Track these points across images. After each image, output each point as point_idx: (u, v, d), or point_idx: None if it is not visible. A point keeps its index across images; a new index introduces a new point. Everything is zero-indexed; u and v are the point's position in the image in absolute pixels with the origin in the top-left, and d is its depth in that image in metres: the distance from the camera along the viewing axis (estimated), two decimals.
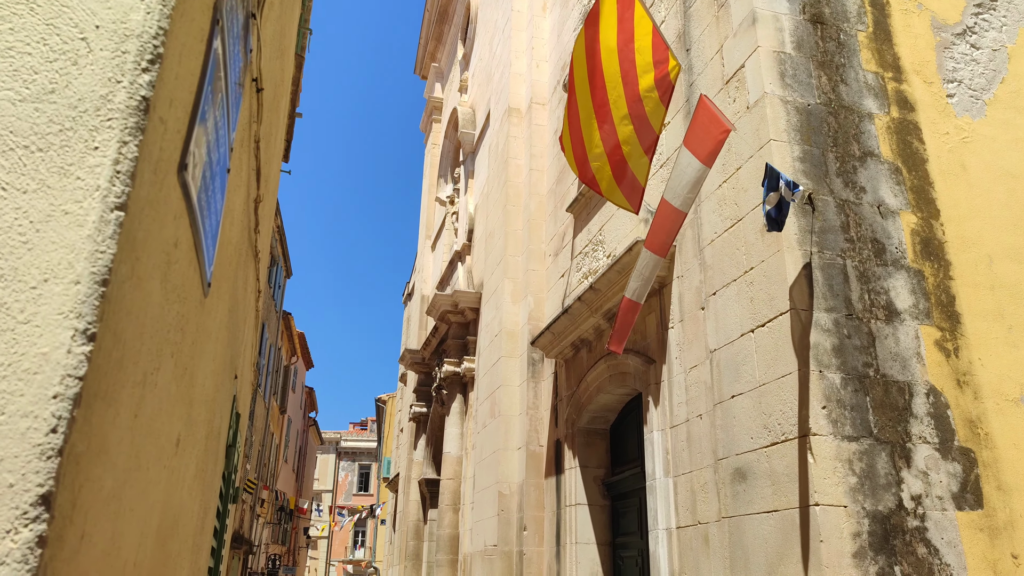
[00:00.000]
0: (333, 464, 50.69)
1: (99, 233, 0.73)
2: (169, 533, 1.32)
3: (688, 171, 4.69)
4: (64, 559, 0.68)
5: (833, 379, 4.79)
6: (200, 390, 1.49)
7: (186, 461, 1.43)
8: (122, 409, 0.83)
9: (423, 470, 15.52)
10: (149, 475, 1.05)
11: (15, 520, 0.62)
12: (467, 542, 11.78)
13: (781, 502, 4.74)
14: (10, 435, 0.64)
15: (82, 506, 0.71)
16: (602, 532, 8.22)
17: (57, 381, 0.67)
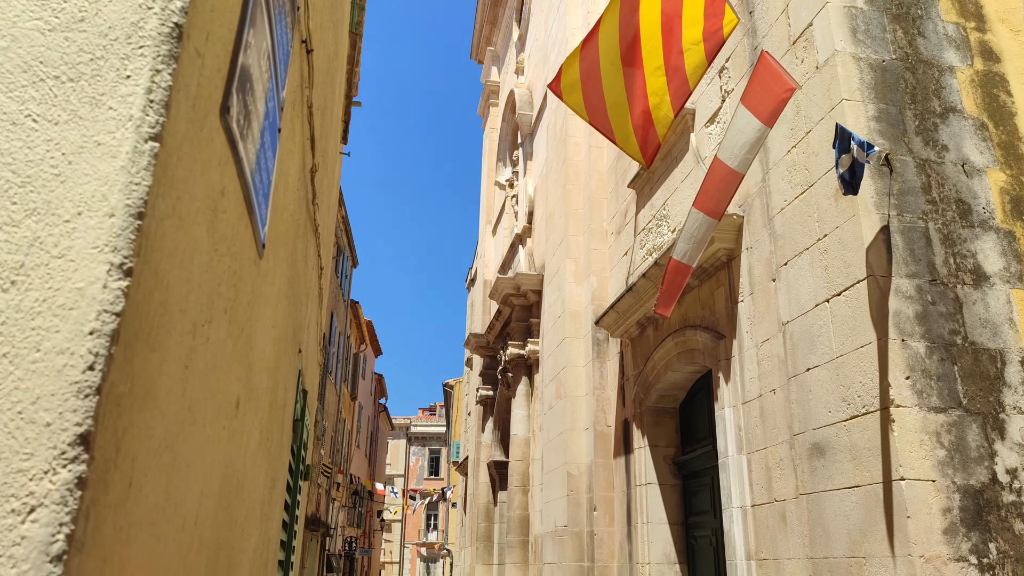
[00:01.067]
0: (404, 449, 51.64)
1: (133, 164, 0.69)
2: (233, 497, 1.31)
3: (747, 131, 4.49)
4: (110, 505, 0.65)
5: (917, 348, 4.54)
6: (260, 355, 1.47)
7: (248, 426, 1.41)
8: (169, 356, 0.80)
9: (491, 452, 15.61)
10: (206, 432, 1.02)
11: (53, 460, 0.59)
12: (537, 523, 11.80)
13: (863, 477, 4.53)
14: (46, 372, 0.61)
15: (128, 451, 0.68)
16: (674, 511, 8.09)
17: (93, 317, 0.63)
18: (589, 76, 5.80)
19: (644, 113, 5.61)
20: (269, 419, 1.71)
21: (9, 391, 0.59)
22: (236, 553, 1.37)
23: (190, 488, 0.95)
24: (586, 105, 5.92)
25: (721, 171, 4.77)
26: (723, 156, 4.74)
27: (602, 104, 5.82)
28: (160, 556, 0.84)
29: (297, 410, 2.47)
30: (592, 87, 5.85)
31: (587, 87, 5.87)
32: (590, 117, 5.99)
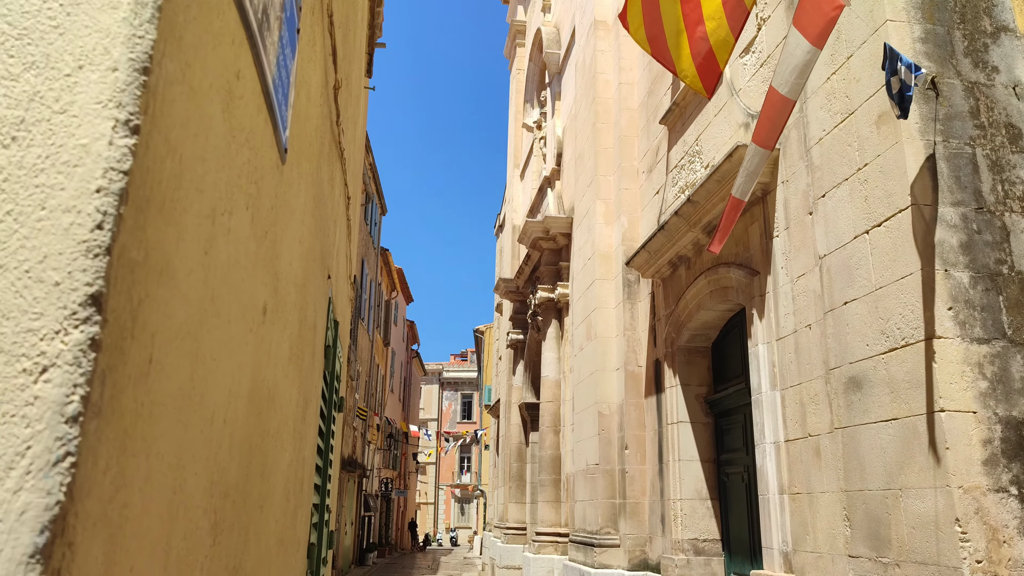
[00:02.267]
0: (437, 394, 52.49)
1: (135, 16, 0.64)
2: (264, 406, 1.30)
3: (797, 54, 4.30)
4: (129, 376, 0.62)
5: (960, 278, 4.40)
6: (286, 267, 1.45)
7: (277, 338, 1.39)
8: (187, 236, 0.76)
9: (522, 395, 15.77)
10: (232, 331, 1.00)
11: (64, 320, 0.56)
12: (569, 462, 11.95)
13: (901, 410, 4.46)
14: (52, 231, 0.58)
15: (146, 325, 0.65)
16: (706, 449, 8.11)
17: (99, 174, 0.60)
18: (648, 5, 5.60)
19: (702, 39, 5.40)
20: (299, 337, 1.70)
21: (15, 250, 0.56)
22: (270, 464, 1.37)
23: (217, 383, 0.93)
24: (648, 36, 5.73)
25: (774, 99, 4.60)
26: (776, 83, 4.56)
27: (661, 34, 5.62)
28: (188, 446, 0.82)
29: (328, 337, 2.47)
30: (652, 17, 5.66)
31: (648, 18, 5.68)
32: (652, 49, 5.81)
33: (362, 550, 27.00)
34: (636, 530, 8.96)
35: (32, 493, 0.52)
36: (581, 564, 9.65)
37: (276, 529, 1.48)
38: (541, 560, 11.96)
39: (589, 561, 9.39)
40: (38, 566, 0.51)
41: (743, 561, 7.33)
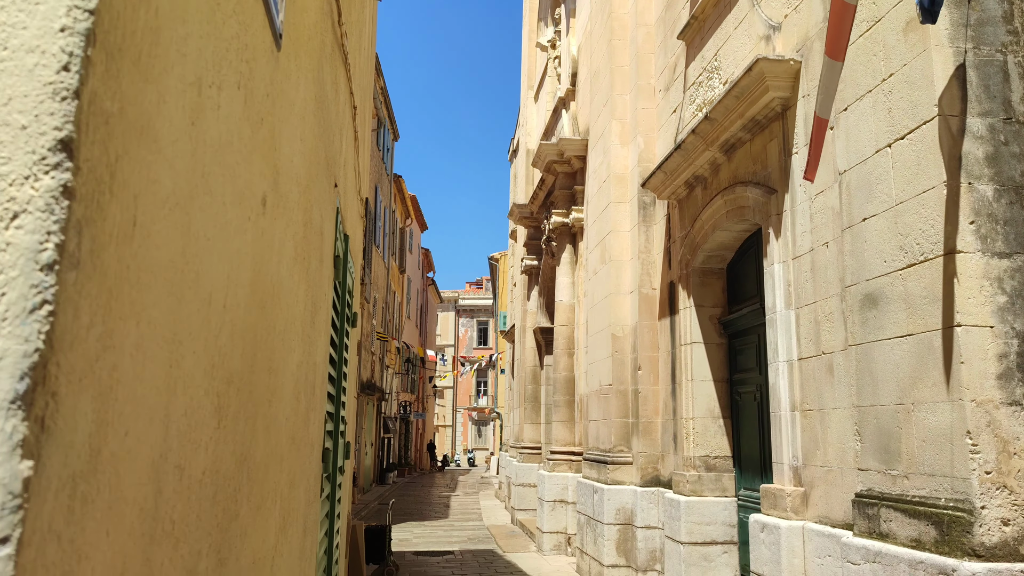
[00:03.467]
0: (453, 321, 53.04)
1: None
2: (269, 301, 1.28)
3: None
4: (109, 234, 0.60)
5: (984, 191, 4.29)
6: (287, 163, 1.41)
7: (280, 235, 1.37)
8: (169, 98, 0.73)
9: (537, 319, 15.88)
10: (228, 214, 0.97)
11: (32, 166, 0.54)
12: (582, 384, 12.12)
13: (917, 326, 4.43)
14: (16, 72, 0.55)
15: (126, 183, 0.62)
16: (719, 369, 8.16)
17: (63, 12, 0.56)
18: None
19: None
20: (305, 240, 1.68)
21: None
22: (277, 361, 1.37)
23: (213, 265, 0.91)
24: None
25: (837, 7, 4.40)
26: None
27: None
28: (184, 322, 0.81)
29: (338, 248, 2.45)
30: None
31: None
32: None
33: (382, 470, 27.88)
34: (648, 448, 9.13)
35: (9, 340, 0.50)
36: (594, 480, 9.89)
37: (287, 427, 1.50)
38: (555, 477, 12.28)
39: (602, 478, 9.62)
40: (20, 412, 0.50)
41: (753, 477, 7.47)
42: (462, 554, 12.06)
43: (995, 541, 3.85)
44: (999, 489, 3.93)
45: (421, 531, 15.17)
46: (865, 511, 4.71)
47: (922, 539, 4.18)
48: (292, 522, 1.61)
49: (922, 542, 4.17)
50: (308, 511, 1.92)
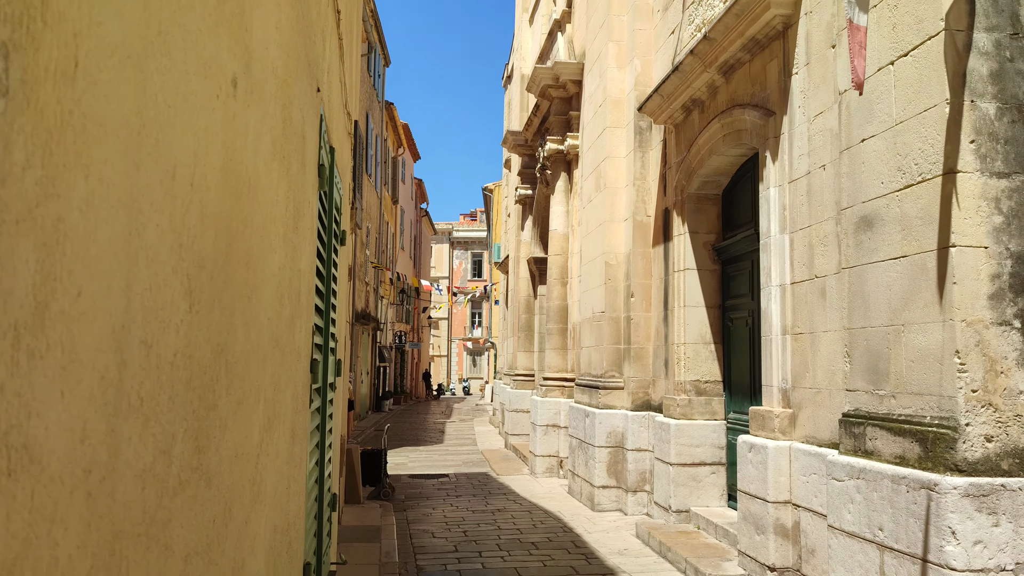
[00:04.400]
0: (447, 253, 52.96)
1: None
2: (245, 193, 1.24)
3: None
4: (45, 69, 0.55)
5: (987, 109, 4.20)
6: (260, 49, 1.33)
7: (255, 125, 1.31)
8: None
9: (531, 249, 15.83)
10: (191, 84, 0.92)
11: None
12: (575, 312, 12.18)
13: (911, 247, 4.41)
14: None
15: (61, 14, 0.57)
16: (711, 295, 8.18)
17: None
18: None
19: None
20: (284, 138, 1.61)
21: None
22: (256, 257, 1.33)
23: (176, 136, 0.86)
24: None
25: None
26: None
27: None
28: (144, 190, 0.76)
29: (323, 156, 2.38)
30: None
31: None
32: None
33: (378, 398, 28.30)
34: (640, 373, 9.24)
35: None
36: (586, 405, 10.05)
37: (269, 328, 1.47)
38: (548, 403, 12.48)
39: (594, 402, 9.77)
40: None
41: (743, 400, 7.59)
42: (457, 477, 12.35)
43: (977, 456, 3.93)
44: (984, 407, 3.99)
45: (417, 456, 15.50)
46: (851, 430, 4.79)
47: (906, 456, 4.26)
48: (278, 425, 1.60)
49: (906, 459, 4.26)
50: (296, 419, 1.91)
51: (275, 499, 1.59)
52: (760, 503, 5.81)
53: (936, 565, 3.87)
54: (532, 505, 9.77)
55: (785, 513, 5.65)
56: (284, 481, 1.72)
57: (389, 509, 9.16)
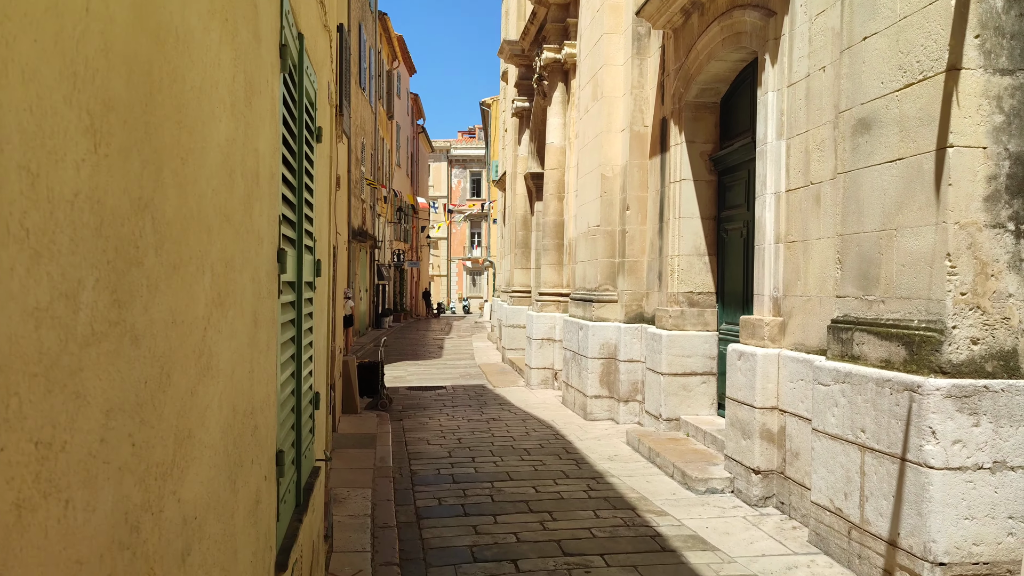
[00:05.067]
0: (445, 171, 52.35)
1: None
2: (171, 42, 1.15)
3: None
4: None
5: (994, 2, 4.00)
6: None
7: None
8: None
9: (528, 165, 15.59)
10: None
11: None
12: (571, 228, 12.09)
13: (908, 149, 4.29)
14: None
15: None
16: (707, 207, 8.08)
17: None
18: None
19: None
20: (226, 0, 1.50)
21: None
22: (190, 119, 1.24)
23: None
24: None
25: None
26: None
27: None
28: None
29: (285, 36, 2.26)
30: None
31: None
32: None
33: (378, 315, 28.53)
34: (633, 286, 9.24)
35: None
36: (580, 319, 10.10)
37: (216, 200, 1.41)
38: (543, 317, 12.55)
39: (588, 315, 9.81)
40: None
41: (735, 311, 7.60)
42: (454, 389, 12.56)
43: (962, 359, 3.94)
44: (972, 310, 3.97)
45: (415, 369, 15.72)
46: (839, 336, 4.79)
47: (892, 359, 4.27)
48: (233, 305, 1.55)
49: (891, 362, 4.27)
50: (260, 305, 1.87)
51: (234, 380, 1.56)
52: (747, 409, 5.89)
53: (915, 464, 3.94)
54: (526, 414, 9.95)
55: (771, 419, 5.74)
56: (246, 365, 1.69)
57: (386, 418, 9.33)
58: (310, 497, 2.76)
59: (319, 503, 3.66)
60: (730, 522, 5.39)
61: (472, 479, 6.59)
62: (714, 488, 6.11)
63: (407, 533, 5.16)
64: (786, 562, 4.61)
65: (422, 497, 6.04)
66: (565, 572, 4.43)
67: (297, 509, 2.59)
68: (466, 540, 5.01)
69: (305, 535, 2.80)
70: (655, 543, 4.95)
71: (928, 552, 3.83)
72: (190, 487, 1.22)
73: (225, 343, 1.47)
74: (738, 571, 4.46)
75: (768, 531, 5.19)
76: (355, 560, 4.34)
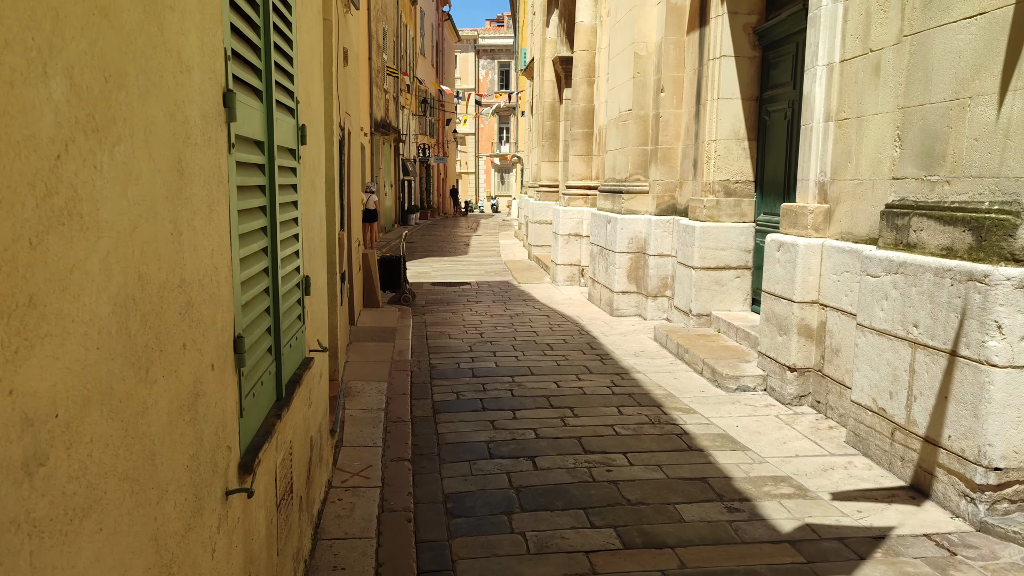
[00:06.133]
0: (473, 62, 50.56)
1: None
2: None
3: None
4: None
5: None
6: None
7: None
8: None
9: (556, 48, 14.69)
10: None
11: None
12: (601, 115, 11.41)
13: (992, 1, 3.66)
14: None
15: None
16: (748, 86, 7.41)
17: None
18: None
19: None
20: None
21: None
22: None
23: None
24: None
25: None
26: None
27: None
28: None
29: None
30: None
31: None
32: None
33: (404, 211, 28.19)
34: (666, 176, 8.69)
35: None
36: (608, 211, 9.62)
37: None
38: (570, 212, 12.08)
39: (616, 208, 9.33)
40: None
41: (774, 200, 7.08)
42: (478, 285, 12.31)
43: None
44: None
45: (440, 265, 15.49)
46: (894, 222, 4.31)
47: (954, 247, 3.81)
48: (127, 137, 1.18)
49: (954, 250, 3.81)
50: (189, 152, 1.50)
51: (136, 241, 1.20)
52: (785, 303, 5.49)
53: (974, 361, 3.54)
54: (551, 310, 9.68)
55: (811, 313, 5.34)
56: (163, 224, 1.33)
57: (407, 312, 9.13)
58: (295, 391, 2.47)
59: (319, 397, 3.41)
60: (762, 421, 5.11)
61: (492, 373, 6.37)
62: (745, 386, 5.81)
63: (422, 428, 4.97)
64: (821, 463, 4.33)
65: (440, 391, 5.84)
66: (585, 470, 4.21)
67: (277, 404, 2.31)
68: (483, 436, 4.80)
69: (291, 432, 2.53)
70: (681, 441, 4.70)
71: (982, 456, 3.49)
72: (39, 375, 0.88)
73: (111, 187, 1.10)
74: (770, 471, 4.20)
75: (802, 431, 4.90)
76: (365, 455, 4.15)
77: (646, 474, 4.15)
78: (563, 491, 3.93)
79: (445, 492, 3.94)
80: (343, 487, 3.71)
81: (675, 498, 3.84)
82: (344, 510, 3.43)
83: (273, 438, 2.12)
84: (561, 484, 4.02)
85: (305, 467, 2.96)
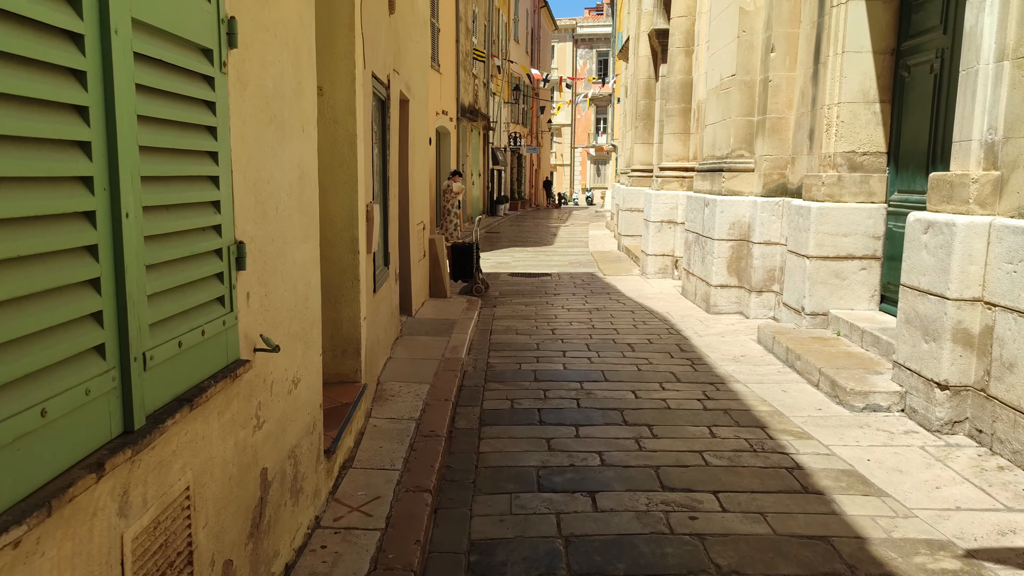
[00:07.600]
0: (570, 52, 49.43)
1: None
2: None
3: None
4: None
5: None
6: None
7: None
8: None
9: (652, 20, 13.45)
10: None
11: None
12: (700, 88, 10.16)
13: None
14: None
15: None
16: (881, 37, 6.06)
17: None
18: None
19: None
20: None
21: None
22: None
23: None
24: None
25: None
26: None
27: None
28: None
29: None
30: None
31: None
32: None
33: (492, 201, 27.45)
34: (776, 151, 7.42)
35: None
36: (706, 193, 8.41)
37: None
38: (664, 196, 10.89)
39: (716, 188, 8.11)
40: None
41: (914, 176, 5.74)
42: (559, 276, 11.31)
43: None
44: None
45: (522, 255, 14.59)
46: None
47: None
48: None
49: None
50: None
51: None
52: (935, 301, 4.23)
53: None
54: (637, 305, 8.57)
55: (972, 314, 4.06)
56: None
57: (475, 304, 8.25)
58: (186, 411, 1.58)
59: (284, 413, 2.53)
60: (902, 454, 3.89)
61: (558, 377, 5.38)
62: (876, 405, 4.57)
63: (461, 444, 4.04)
64: (996, 521, 3.11)
65: (491, 397, 4.91)
66: (661, 516, 3.17)
67: (116, 441, 1.42)
68: (534, 459, 3.83)
69: (174, 476, 1.64)
70: (793, 479, 3.57)
71: None
72: None
73: None
74: (921, 531, 3.03)
75: (961, 471, 3.66)
76: (375, 482, 3.27)
77: (744, 526, 3.07)
78: (628, 546, 2.91)
79: (472, 538, 2.99)
80: (333, 528, 2.82)
81: (786, 568, 2.75)
82: (323, 565, 2.54)
83: (78, 499, 1.22)
84: (626, 535, 3.00)
85: (245, 516, 2.08)
